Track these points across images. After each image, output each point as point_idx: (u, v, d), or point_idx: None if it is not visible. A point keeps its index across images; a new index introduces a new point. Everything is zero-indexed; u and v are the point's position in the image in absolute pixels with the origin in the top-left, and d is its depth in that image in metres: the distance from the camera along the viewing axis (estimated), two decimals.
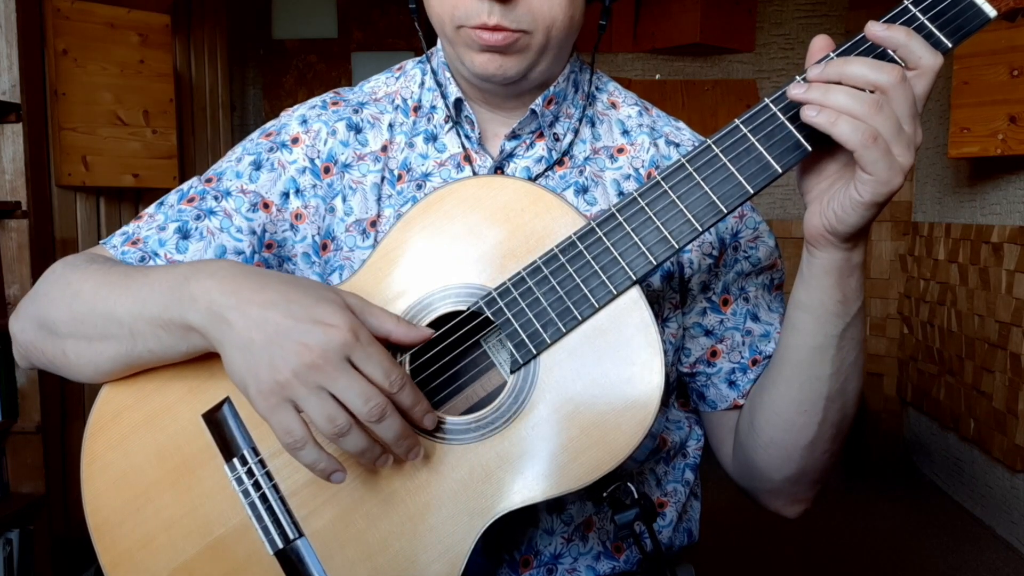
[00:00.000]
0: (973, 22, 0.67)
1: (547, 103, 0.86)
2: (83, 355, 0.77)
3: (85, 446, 0.79)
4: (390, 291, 0.76)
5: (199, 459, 0.77)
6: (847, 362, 0.77)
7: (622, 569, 0.88)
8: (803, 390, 0.79)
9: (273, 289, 0.68)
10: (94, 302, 0.76)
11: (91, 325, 0.76)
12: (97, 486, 0.78)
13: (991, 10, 0.67)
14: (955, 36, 0.67)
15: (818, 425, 0.80)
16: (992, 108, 2.73)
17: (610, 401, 0.72)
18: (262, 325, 0.66)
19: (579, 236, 0.73)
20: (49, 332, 0.79)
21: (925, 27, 0.68)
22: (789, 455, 0.83)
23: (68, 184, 2.71)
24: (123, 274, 0.76)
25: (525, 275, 0.73)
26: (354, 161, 0.88)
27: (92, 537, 0.78)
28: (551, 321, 0.73)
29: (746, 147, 0.71)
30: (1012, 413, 2.78)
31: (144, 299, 0.73)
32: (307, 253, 0.88)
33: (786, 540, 2.96)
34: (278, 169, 0.88)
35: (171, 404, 0.78)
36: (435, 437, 0.73)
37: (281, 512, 0.75)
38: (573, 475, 0.71)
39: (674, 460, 0.93)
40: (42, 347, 0.80)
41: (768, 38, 3.98)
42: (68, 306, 0.77)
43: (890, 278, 3.90)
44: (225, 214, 0.86)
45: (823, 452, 0.83)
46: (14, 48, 2.37)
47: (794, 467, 0.84)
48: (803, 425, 0.81)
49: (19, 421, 2.46)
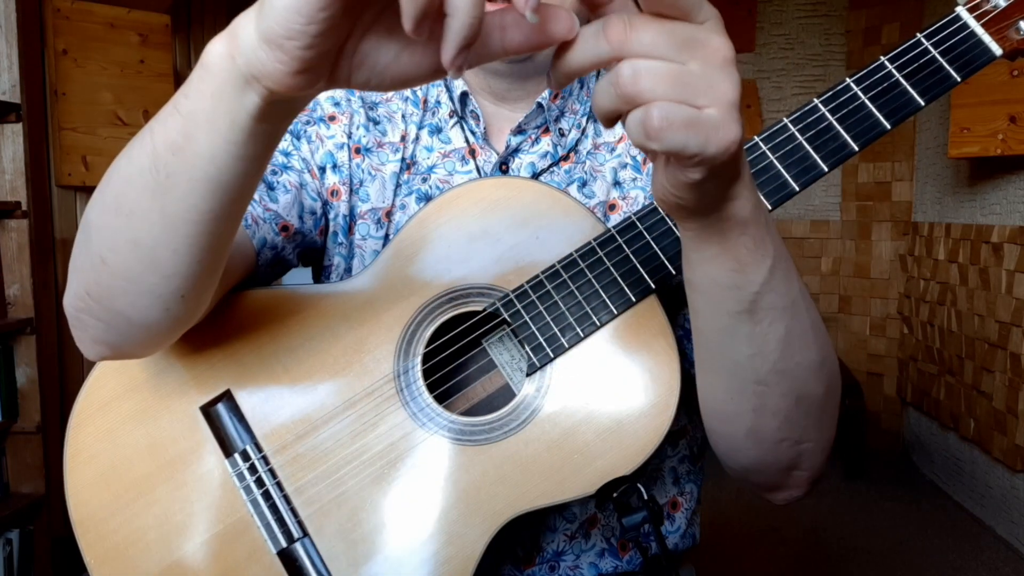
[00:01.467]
0: (980, 59, 0.71)
1: (553, 97, 0.86)
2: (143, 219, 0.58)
3: (69, 436, 0.75)
4: (404, 288, 0.76)
5: (196, 453, 0.75)
6: (773, 337, 0.62)
7: (625, 569, 0.88)
8: (723, 377, 0.67)
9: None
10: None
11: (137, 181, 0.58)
12: (83, 479, 0.75)
13: (997, 48, 0.71)
14: (963, 71, 0.71)
15: (752, 412, 0.68)
16: (992, 108, 2.73)
17: (626, 407, 0.72)
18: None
19: (599, 242, 0.73)
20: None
21: (936, 60, 0.71)
22: (735, 446, 0.73)
23: (68, 184, 2.71)
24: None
25: (544, 279, 0.74)
26: (375, 147, 0.88)
27: (76, 532, 0.74)
28: (570, 326, 0.73)
29: (765, 164, 0.71)
30: (1012, 413, 2.77)
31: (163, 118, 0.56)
32: (336, 232, 0.88)
33: (786, 540, 2.96)
34: (316, 142, 0.87)
35: (165, 395, 0.75)
36: (450, 438, 0.73)
37: (285, 510, 0.74)
38: (587, 480, 0.71)
39: (699, 460, 0.92)
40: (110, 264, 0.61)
41: (768, 38, 3.98)
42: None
43: (890, 278, 3.89)
44: (294, 171, 0.85)
45: (777, 441, 0.70)
46: (14, 48, 2.37)
47: (747, 458, 0.73)
48: (734, 414, 0.69)
49: (19, 421, 2.45)
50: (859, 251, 3.97)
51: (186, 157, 0.53)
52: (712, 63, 0.45)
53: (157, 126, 0.55)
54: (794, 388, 0.66)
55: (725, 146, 0.46)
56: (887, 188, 3.87)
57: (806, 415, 0.69)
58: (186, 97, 0.52)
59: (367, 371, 0.75)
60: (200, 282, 0.63)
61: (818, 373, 0.67)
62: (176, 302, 0.63)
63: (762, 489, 0.79)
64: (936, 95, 0.71)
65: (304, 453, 0.74)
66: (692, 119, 0.45)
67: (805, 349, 0.65)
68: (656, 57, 0.44)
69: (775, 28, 3.98)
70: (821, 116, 0.70)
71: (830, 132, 0.70)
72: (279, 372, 0.76)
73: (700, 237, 0.57)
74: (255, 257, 0.81)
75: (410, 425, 0.74)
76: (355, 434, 0.74)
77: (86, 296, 0.64)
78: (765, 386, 0.66)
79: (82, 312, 0.66)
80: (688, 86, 0.45)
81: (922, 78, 0.70)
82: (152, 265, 0.60)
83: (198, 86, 0.51)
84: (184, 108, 0.52)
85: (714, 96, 0.45)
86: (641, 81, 0.44)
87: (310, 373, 0.75)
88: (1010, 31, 0.71)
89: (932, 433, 3.56)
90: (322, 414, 0.75)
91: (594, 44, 0.45)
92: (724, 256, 0.57)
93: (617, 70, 0.45)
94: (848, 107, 0.70)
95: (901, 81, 0.70)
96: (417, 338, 0.75)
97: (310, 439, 0.75)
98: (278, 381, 0.76)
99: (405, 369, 0.75)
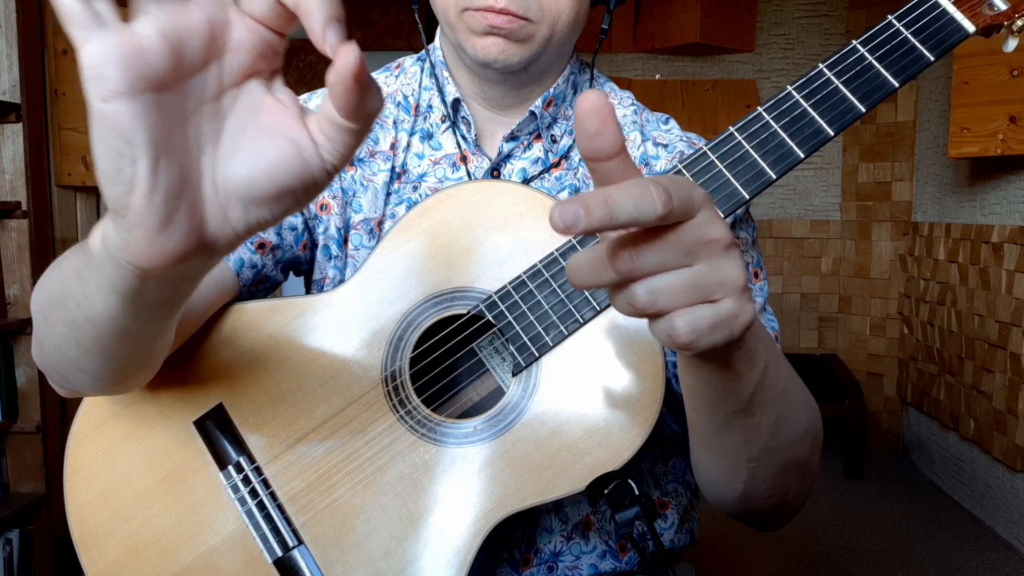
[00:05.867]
0: (953, 37, 0.70)
1: (547, 105, 0.86)
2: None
3: (69, 455, 0.77)
4: (389, 295, 0.76)
5: (191, 467, 0.76)
6: (765, 423, 0.64)
7: (624, 569, 0.88)
8: (717, 458, 0.70)
9: None
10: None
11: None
12: (82, 497, 0.76)
13: (970, 26, 0.70)
14: (937, 50, 0.70)
15: (744, 483, 0.70)
16: (992, 108, 2.73)
17: (612, 402, 0.72)
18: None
19: (579, 240, 0.73)
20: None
21: (908, 41, 0.70)
22: (724, 505, 0.76)
23: (68, 184, 2.71)
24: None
25: (526, 278, 0.74)
26: (367, 157, 0.88)
27: (77, 550, 0.76)
28: (553, 324, 0.73)
29: (740, 154, 0.71)
30: (1012, 413, 2.77)
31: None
32: (328, 246, 0.87)
33: (786, 540, 2.96)
34: None
35: (160, 411, 0.77)
36: (439, 441, 0.74)
37: (279, 519, 0.74)
38: (577, 476, 0.72)
39: (672, 460, 0.93)
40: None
41: (768, 38, 3.98)
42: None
43: (890, 278, 3.89)
44: None
45: (766, 498, 0.73)
46: (14, 48, 2.38)
47: (735, 510, 0.77)
48: (727, 484, 0.72)
49: (19, 421, 2.46)
50: (859, 251, 3.97)
51: (90, 315, 0.54)
52: (716, 256, 0.46)
53: (68, 275, 0.55)
54: (782, 458, 0.69)
55: (745, 325, 0.48)
56: (887, 188, 3.86)
57: (792, 474, 0.72)
58: (86, 267, 0.50)
59: (355, 378, 0.76)
60: (132, 377, 0.67)
61: (803, 439, 0.70)
62: (110, 386, 0.67)
63: (748, 525, 0.83)
64: (910, 76, 0.70)
65: (295, 462, 0.75)
66: (714, 319, 0.46)
67: (794, 426, 0.68)
68: (667, 270, 0.45)
69: (775, 28, 3.98)
70: (795, 103, 0.70)
71: (805, 118, 0.69)
72: (269, 384, 0.76)
73: (700, 358, 0.58)
74: (235, 278, 0.82)
75: (399, 430, 0.74)
76: (345, 441, 0.75)
77: (36, 356, 0.68)
78: (756, 463, 0.69)
79: (41, 366, 0.69)
80: (701, 288, 0.46)
81: (895, 59, 0.70)
82: (80, 370, 0.63)
83: (86, 268, 0.50)
84: (83, 276, 0.52)
85: (727, 287, 0.46)
86: (659, 301, 0.45)
87: (300, 383, 0.76)
88: (983, 7, 0.71)
89: (932, 433, 3.56)
90: (312, 423, 0.75)
91: (602, 272, 0.45)
92: (720, 371, 0.59)
93: (631, 292, 0.45)
94: (821, 92, 0.69)
95: (874, 64, 0.70)
96: (404, 343, 0.76)
97: (301, 448, 0.75)
98: (268, 392, 0.76)
99: (393, 375, 0.76)
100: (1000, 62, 2.67)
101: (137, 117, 0.37)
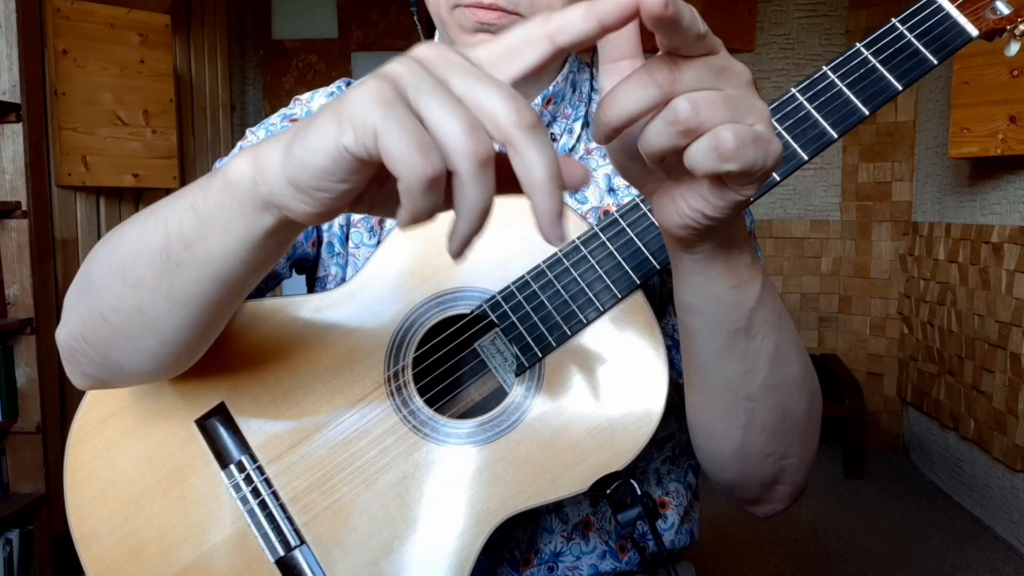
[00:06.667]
0: (956, 40, 0.70)
1: (546, 103, 0.86)
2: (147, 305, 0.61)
3: (69, 454, 0.77)
4: (392, 294, 0.76)
5: (192, 466, 0.76)
6: (764, 352, 0.65)
7: (624, 569, 0.88)
8: (715, 396, 0.70)
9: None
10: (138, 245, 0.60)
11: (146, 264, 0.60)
12: (83, 495, 0.76)
13: (973, 30, 0.70)
14: (940, 53, 0.70)
15: (742, 429, 0.70)
16: (992, 108, 2.73)
17: (616, 403, 0.72)
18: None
19: (583, 240, 0.73)
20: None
21: (912, 44, 0.70)
22: (723, 464, 0.75)
23: (68, 184, 2.71)
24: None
25: (529, 279, 0.74)
26: None
27: (78, 549, 0.75)
28: (556, 324, 0.73)
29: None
30: (1012, 413, 2.78)
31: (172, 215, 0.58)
32: (331, 243, 0.88)
33: (786, 540, 2.96)
34: None
35: (161, 410, 0.76)
36: (442, 441, 0.74)
37: (281, 519, 0.74)
38: (580, 477, 0.72)
39: (679, 460, 0.93)
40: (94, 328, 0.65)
41: (768, 38, 3.98)
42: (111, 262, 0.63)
43: (890, 278, 3.89)
44: None
45: (763, 456, 0.72)
46: (14, 48, 2.38)
47: (733, 473, 0.76)
48: (724, 431, 0.72)
49: (19, 421, 2.46)
50: (859, 251, 3.97)
51: (197, 254, 0.56)
52: (742, 85, 0.48)
53: (171, 215, 0.57)
54: (780, 403, 0.70)
55: (776, 157, 0.49)
56: (887, 188, 3.87)
57: (790, 431, 0.72)
58: (204, 200, 0.53)
59: (358, 378, 0.76)
60: (196, 344, 0.67)
61: (801, 388, 0.70)
62: (171, 358, 0.67)
63: (745, 503, 0.81)
64: (914, 79, 0.70)
65: (298, 462, 0.75)
66: (755, 136, 0.47)
67: (791, 364, 0.68)
68: (704, 89, 0.46)
69: (775, 28, 3.98)
70: (799, 105, 0.70)
71: (808, 121, 0.70)
72: (271, 383, 0.76)
73: (708, 258, 0.59)
74: None
75: (401, 429, 0.74)
76: (347, 441, 0.75)
77: (82, 340, 0.67)
78: (755, 402, 0.69)
79: (76, 352, 0.68)
80: (737, 108, 0.47)
81: (898, 63, 0.70)
82: (153, 332, 0.63)
83: (219, 196, 0.52)
84: (201, 211, 0.54)
85: (757, 114, 0.48)
86: (702, 112, 0.46)
87: (302, 383, 0.76)
88: (986, 11, 0.71)
89: (932, 433, 3.56)
90: (315, 422, 0.75)
91: (643, 90, 0.46)
92: (727, 274, 0.60)
93: (672, 107, 0.46)
94: (825, 95, 0.70)
95: (878, 67, 0.70)
96: (407, 343, 0.76)
97: (304, 447, 0.75)
98: (270, 392, 0.76)
99: (395, 374, 0.76)
100: (1000, 62, 2.68)
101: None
